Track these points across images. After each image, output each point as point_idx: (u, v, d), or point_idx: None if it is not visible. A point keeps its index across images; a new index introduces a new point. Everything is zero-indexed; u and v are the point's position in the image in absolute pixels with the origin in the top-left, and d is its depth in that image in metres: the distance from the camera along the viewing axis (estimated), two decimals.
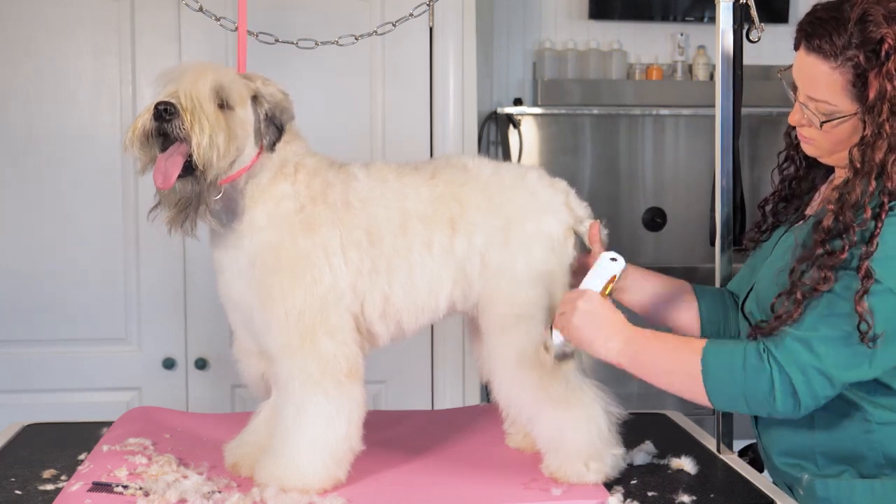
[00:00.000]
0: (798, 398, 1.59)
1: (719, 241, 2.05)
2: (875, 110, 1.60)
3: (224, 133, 1.67)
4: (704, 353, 1.65)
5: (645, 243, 3.99)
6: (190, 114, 1.64)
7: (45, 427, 2.19)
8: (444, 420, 2.21)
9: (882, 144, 1.59)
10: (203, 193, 1.68)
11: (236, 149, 1.71)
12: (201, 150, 1.64)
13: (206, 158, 1.64)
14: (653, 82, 3.96)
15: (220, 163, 1.67)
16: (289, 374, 1.75)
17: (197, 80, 1.67)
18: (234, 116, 1.71)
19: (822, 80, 1.65)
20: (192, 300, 3.01)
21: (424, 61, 3.05)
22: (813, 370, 1.58)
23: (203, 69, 1.70)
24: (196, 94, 1.66)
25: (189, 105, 1.64)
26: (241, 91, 1.73)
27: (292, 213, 1.76)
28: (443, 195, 1.82)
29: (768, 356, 1.60)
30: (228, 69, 1.76)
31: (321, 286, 1.74)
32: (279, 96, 1.78)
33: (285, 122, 1.78)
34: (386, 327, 1.83)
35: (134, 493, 1.71)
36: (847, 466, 1.71)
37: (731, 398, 1.64)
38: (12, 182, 2.94)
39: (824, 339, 1.59)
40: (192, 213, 1.69)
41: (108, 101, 2.95)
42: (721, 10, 2.00)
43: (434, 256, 1.80)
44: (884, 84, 1.58)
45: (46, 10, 2.92)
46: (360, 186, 1.81)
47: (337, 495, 1.72)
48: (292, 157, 1.79)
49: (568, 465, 1.80)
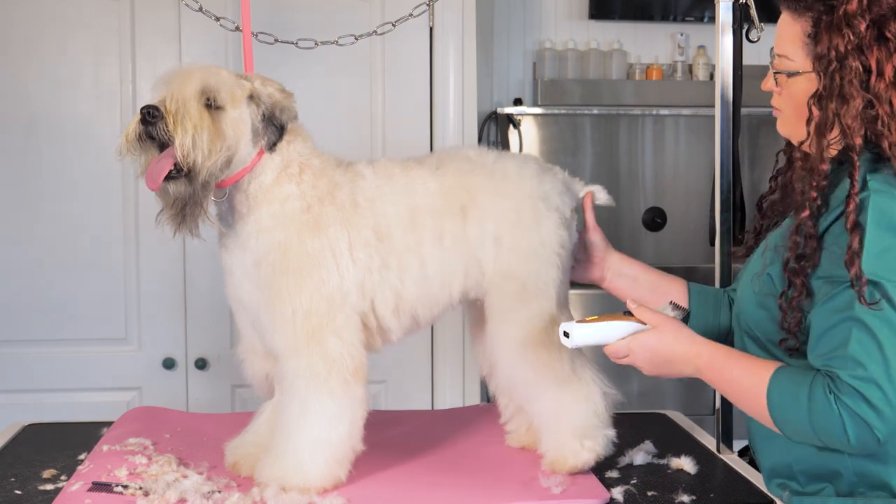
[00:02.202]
0: (875, 435, 1.51)
1: (719, 241, 2.05)
2: (824, 60, 1.58)
3: (208, 132, 1.67)
4: (770, 384, 1.57)
5: (645, 243, 3.99)
6: (173, 115, 1.65)
7: (45, 427, 2.19)
8: (444, 420, 2.21)
9: (835, 97, 1.57)
10: (197, 194, 1.68)
11: (226, 148, 1.71)
12: (184, 149, 1.65)
13: (189, 158, 1.65)
14: (653, 82, 3.96)
15: (207, 163, 1.67)
16: (295, 373, 1.75)
17: (184, 83, 1.69)
18: (224, 116, 1.71)
19: (786, 31, 1.66)
20: (192, 300, 3.01)
21: (424, 61, 3.05)
22: (883, 404, 1.50)
23: (192, 71, 1.71)
24: (181, 96, 1.67)
25: (173, 107, 1.66)
26: (234, 91, 1.73)
27: (299, 212, 1.76)
28: (451, 185, 1.83)
29: (835, 398, 1.51)
30: (221, 70, 1.75)
31: (328, 286, 1.75)
32: (278, 96, 1.78)
33: (286, 121, 1.78)
34: (399, 322, 1.84)
35: (134, 493, 1.71)
36: (826, 484, 1.67)
37: (801, 432, 1.57)
38: (12, 182, 2.94)
39: (882, 369, 1.50)
40: (190, 215, 1.69)
41: (108, 101, 2.95)
42: (721, 10, 2.00)
43: (445, 247, 1.81)
44: (833, 36, 1.58)
45: (46, 10, 2.92)
46: (366, 185, 1.82)
47: (337, 495, 1.72)
48: (296, 158, 1.79)
49: (565, 443, 1.83)
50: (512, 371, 1.86)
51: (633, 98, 3.93)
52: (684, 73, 4.00)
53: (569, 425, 1.83)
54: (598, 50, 3.96)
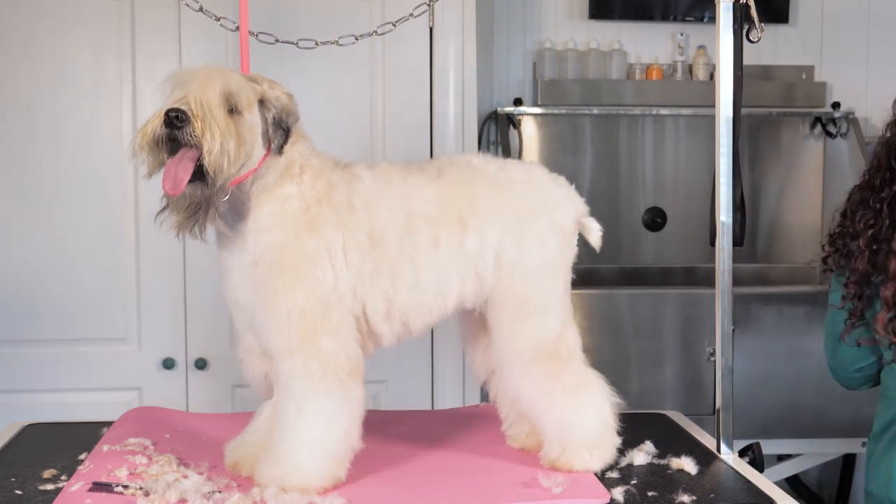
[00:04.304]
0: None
1: (719, 241, 2.05)
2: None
3: (235, 139, 1.67)
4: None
5: (645, 243, 3.99)
6: (201, 121, 1.64)
7: (45, 427, 2.19)
8: (444, 420, 2.21)
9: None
10: (212, 198, 1.68)
11: (246, 154, 1.71)
12: (213, 156, 1.64)
13: (217, 165, 1.65)
14: (653, 82, 3.96)
15: (231, 168, 1.67)
16: (290, 373, 1.75)
17: (206, 86, 1.67)
18: (243, 121, 1.71)
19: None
20: (192, 300, 3.01)
21: (424, 61, 3.05)
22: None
23: (212, 74, 1.70)
24: (206, 101, 1.66)
25: (200, 112, 1.65)
26: (249, 95, 1.73)
27: (298, 213, 1.76)
28: (451, 194, 1.82)
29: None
30: (234, 72, 1.75)
31: (323, 287, 1.75)
32: (284, 99, 1.78)
33: (291, 124, 1.78)
34: (390, 328, 1.83)
35: (134, 493, 1.71)
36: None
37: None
38: (12, 182, 2.94)
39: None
40: (202, 218, 1.69)
41: (108, 101, 2.95)
42: (721, 10, 2.00)
43: (441, 256, 1.81)
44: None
45: (46, 10, 2.92)
46: (363, 188, 1.81)
47: (337, 495, 1.72)
48: (298, 158, 1.79)
49: (572, 453, 1.84)
50: (517, 386, 1.86)
51: (633, 98, 3.93)
52: (684, 73, 4.00)
53: (578, 436, 1.84)
54: (598, 50, 3.95)
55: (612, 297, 3.37)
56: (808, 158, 4.08)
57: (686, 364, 3.33)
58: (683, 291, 3.43)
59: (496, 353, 1.87)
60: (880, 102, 4.12)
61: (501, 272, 1.83)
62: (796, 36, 4.09)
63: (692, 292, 3.41)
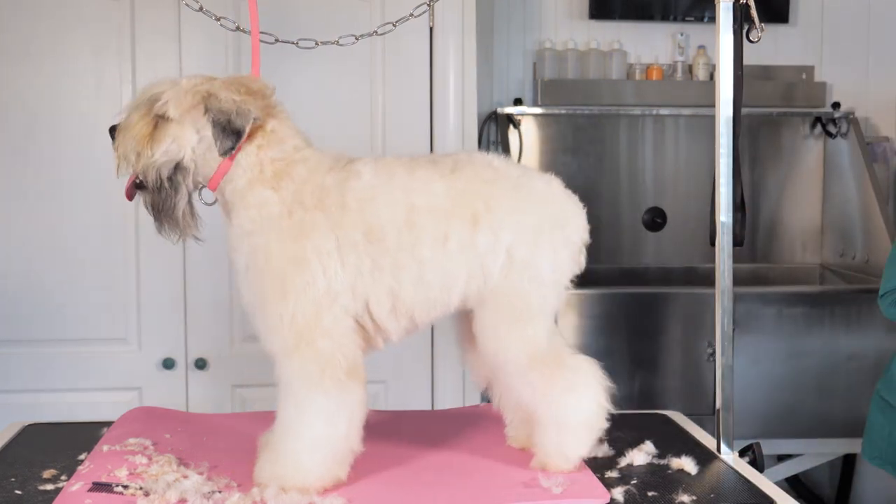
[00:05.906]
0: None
1: (719, 241, 2.05)
2: None
3: (134, 139, 1.76)
4: None
5: (645, 243, 4.00)
6: (119, 129, 1.79)
7: (45, 427, 2.19)
8: (444, 420, 2.21)
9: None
10: (163, 199, 1.78)
11: (162, 153, 1.76)
12: (118, 158, 1.79)
13: (122, 165, 1.78)
14: (653, 82, 3.96)
15: (137, 167, 1.77)
16: (289, 375, 1.75)
17: (140, 95, 1.81)
18: (168, 125, 1.77)
19: None
20: (192, 300, 3.01)
21: (424, 61, 3.05)
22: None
23: (149, 85, 1.81)
24: (130, 109, 1.79)
25: (121, 121, 1.78)
26: (181, 100, 1.77)
27: (277, 218, 1.76)
28: (465, 191, 1.81)
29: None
30: (183, 80, 1.79)
31: (314, 289, 1.74)
32: (229, 104, 1.76)
33: (242, 126, 1.76)
34: (397, 323, 1.83)
35: (134, 493, 1.71)
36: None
37: None
38: (12, 181, 2.94)
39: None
40: (165, 218, 1.80)
41: (108, 101, 2.95)
42: (721, 10, 2.00)
43: (448, 251, 1.80)
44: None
45: (46, 10, 2.92)
46: (360, 185, 1.80)
47: (337, 495, 1.72)
48: (268, 163, 1.79)
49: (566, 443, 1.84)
50: (517, 390, 1.86)
51: (633, 98, 3.93)
52: (684, 73, 4.00)
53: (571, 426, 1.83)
54: (598, 50, 3.96)
55: (612, 297, 3.37)
56: (808, 158, 4.08)
57: (686, 364, 3.34)
58: (683, 291, 3.43)
59: (494, 353, 1.85)
60: (880, 102, 4.15)
61: (511, 272, 1.81)
62: (796, 36, 4.10)
63: (692, 292, 3.41)
